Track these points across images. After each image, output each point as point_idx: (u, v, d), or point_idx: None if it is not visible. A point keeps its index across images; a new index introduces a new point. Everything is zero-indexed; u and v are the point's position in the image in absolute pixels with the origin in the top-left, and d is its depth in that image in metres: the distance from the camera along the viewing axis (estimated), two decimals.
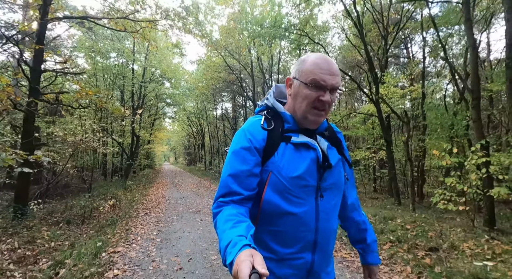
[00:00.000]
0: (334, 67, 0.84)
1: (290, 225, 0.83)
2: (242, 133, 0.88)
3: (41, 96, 5.64)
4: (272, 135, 0.86)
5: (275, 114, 0.92)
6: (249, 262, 0.51)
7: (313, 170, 0.84)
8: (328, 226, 0.87)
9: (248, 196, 0.80)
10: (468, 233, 4.42)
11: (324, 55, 0.87)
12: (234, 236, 0.62)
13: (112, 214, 6.16)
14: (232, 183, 0.80)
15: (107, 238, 4.17)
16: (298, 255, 0.84)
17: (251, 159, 0.83)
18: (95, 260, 3.25)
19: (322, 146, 0.89)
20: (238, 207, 0.78)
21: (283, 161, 0.83)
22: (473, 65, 4.74)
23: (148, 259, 3.28)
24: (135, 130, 13.08)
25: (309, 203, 0.83)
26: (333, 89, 0.83)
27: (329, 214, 0.87)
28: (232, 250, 0.58)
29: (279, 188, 0.82)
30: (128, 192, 9.50)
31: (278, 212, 0.82)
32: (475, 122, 4.78)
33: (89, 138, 7.50)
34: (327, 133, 0.95)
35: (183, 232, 4.48)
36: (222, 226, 0.70)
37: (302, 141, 0.86)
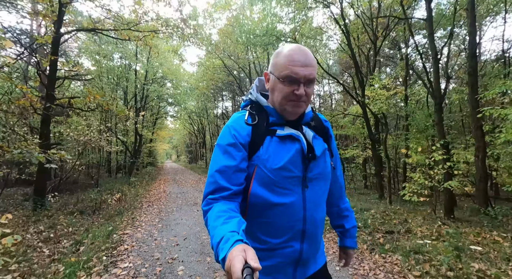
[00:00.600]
0: (308, 58, 0.83)
1: (278, 216, 0.84)
2: (227, 129, 0.89)
3: (56, 101, 6.42)
4: (257, 130, 0.88)
5: (259, 108, 0.93)
6: (242, 257, 0.53)
7: (298, 160, 0.86)
8: (316, 215, 0.89)
9: (236, 191, 0.82)
10: (427, 220, 5.13)
11: (298, 45, 0.86)
12: (226, 232, 0.63)
13: (119, 206, 6.94)
14: (220, 179, 0.82)
15: (116, 224, 4.94)
16: (287, 243, 0.86)
17: (237, 154, 0.84)
18: (108, 240, 4.01)
19: (307, 136, 0.89)
20: (228, 203, 0.79)
21: (267, 154, 0.84)
22: (435, 75, 5.41)
23: (151, 238, 4.04)
24: (138, 129, 13.85)
25: (296, 193, 0.85)
26: (307, 80, 0.83)
27: (316, 203, 0.89)
28: (224, 246, 0.59)
29: (265, 181, 0.84)
30: (132, 188, 10.29)
31: (266, 204, 0.84)
32: (438, 124, 5.46)
33: (97, 137, 8.28)
34: (313, 123, 0.96)
35: (181, 219, 5.24)
36: (213, 222, 0.71)
37: (287, 133, 0.87)
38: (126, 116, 9.25)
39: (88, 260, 3.18)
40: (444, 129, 6.51)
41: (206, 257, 3.23)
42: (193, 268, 2.92)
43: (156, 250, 3.51)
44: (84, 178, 12.75)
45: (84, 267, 2.97)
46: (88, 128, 8.69)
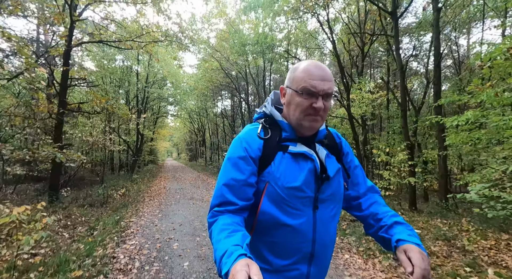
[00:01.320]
0: (326, 73, 0.83)
1: (287, 237, 0.82)
2: (238, 141, 0.88)
3: (68, 107, 7.26)
4: (269, 145, 0.86)
5: (272, 122, 0.92)
6: (245, 272, 0.52)
7: (311, 181, 0.84)
8: (326, 237, 0.86)
9: (243, 206, 0.81)
10: None
11: (316, 61, 0.87)
12: (229, 245, 0.63)
13: (124, 200, 7.80)
14: (227, 193, 0.81)
15: (123, 215, 5.79)
16: (294, 266, 0.84)
17: (246, 168, 0.82)
18: (117, 226, 4.86)
19: (320, 155, 0.88)
20: (233, 217, 0.78)
21: (279, 171, 0.82)
22: (401, 84, 6.19)
23: (152, 224, 4.89)
24: (140, 129, 14.71)
25: (306, 214, 0.83)
26: (325, 94, 0.82)
27: (326, 225, 0.87)
28: (227, 260, 0.58)
29: (276, 199, 0.82)
30: (134, 184, 11.16)
31: (275, 223, 0.82)
32: (403, 128, 6.26)
33: (102, 137, 9.14)
34: (327, 141, 0.94)
35: (178, 211, 6.09)
36: (217, 236, 0.70)
37: (300, 151, 0.85)
38: (129, 118, 10.08)
39: (102, 240, 4.03)
40: (409, 132, 7.32)
41: (196, 237, 4.08)
42: (185, 244, 3.77)
43: (157, 233, 4.36)
44: (89, 175, 13.65)
45: (100, 244, 3.81)
46: (93, 129, 9.54)
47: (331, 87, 0.83)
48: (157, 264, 3.11)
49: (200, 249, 3.58)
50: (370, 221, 0.92)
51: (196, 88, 18.19)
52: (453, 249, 3.61)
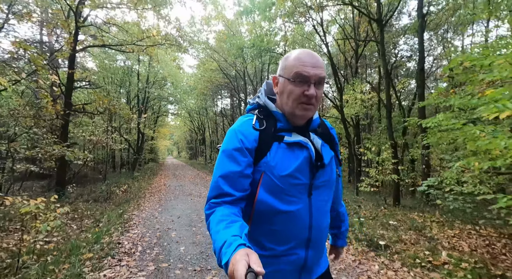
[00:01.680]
0: (317, 59, 0.84)
1: (285, 223, 0.85)
2: (233, 133, 0.88)
3: (73, 107, 7.72)
4: (264, 135, 0.87)
5: (267, 113, 0.93)
6: (245, 261, 0.53)
7: (306, 168, 0.86)
8: (321, 222, 0.90)
9: (240, 197, 0.82)
10: (376, 206, 6.40)
11: (307, 49, 0.88)
12: (228, 236, 0.64)
13: (126, 196, 8.27)
14: (223, 184, 0.82)
15: (125, 209, 6.26)
16: (292, 251, 0.87)
17: (242, 160, 0.84)
18: (120, 218, 5.32)
19: (316, 144, 0.90)
20: (230, 207, 0.79)
21: (275, 161, 0.84)
22: (386, 87, 6.62)
23: (153, 217, 5.36)
24: (140, 128, 15.18)
25: (302, 201, 0.86)
26: (317, 81, 0.83)
27: (321, 210, 0.90)
28: (227, 250, 0.60)
29: (272, 188, 0.84)
30: (135, 181, 11.64)
31: (272, 211, 0.84)
32: (388, 129, 6.69)
33: (105, 137, 9.60)
34: (320, 130, 0.96)
35: (177, 205, 6.56)
36: (215, 227, 0.71)
37: (295, 140, 0.87)
38: (130, 118, 10.54)
39: (108, 230, 4.48)
40: (399, 132, 7.75)
41: (192, 228, 4.54)
42: (182, 233, 4.23)
43: (157, 224, 4.83)
44: (92, 173, 14.14)
45: (106, 234, 4.27)
46: (96, 128, 10.00)
47: (323, 73, 0.84)
48: (157, 249, 3.57)
49: (195, 237, 4.04)
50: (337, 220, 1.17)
51: (196, 88, 18.63)
52: (421, 237, 4.06)
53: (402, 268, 3.04)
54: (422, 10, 6.78)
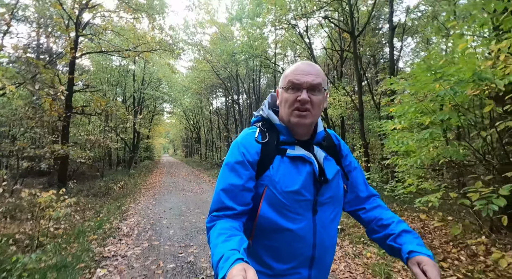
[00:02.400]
0: (312, 68, 0.86)
1: (287, 241, 0.83)
2: (236, 146, 0.89)
3: (73, 110, 8.40)
4: (267, 148, 0.87)
5: (270, 126, 0.93)
6: (242, 277, 0.53)
7: (310, 184, 0.85)
8: (326, 241, 0.87)
9: (241, 211, 0.82)
10: None
11: (305, 61, 0.92)
12: (226, 250, 0.64)
13: (123, 191, 8.99)
14: (225, 198, 0.82)
15: (123, 202, 6.99)
16: (295, 270, 0.85)
17: (244, 173, 0.83)
18: (118, 210, 6.06)
19: (318, 158, 0.89)
20: (231, 221, 0.79)
21: (278, 175, 0.83)
22: (359, 92, 7.40)
23: (147, 209, 6.11)
24: (136, 128, 15.86)
25: (306, 218, 0.84)
26: (310, 87, 0.83)
27: (327, 228, 0.87)
28: (224, 264, 0.59)
29: (275, 203, 0.83)
30: (131, 179, 12.34)
31: (274, 227, 0.83)
32: (361, 130, 7.48)
33: (103, 136, 10.30)
34: (326, 143, 0.95)
35: (170, 199, 7.31)
36: (214, 240, 0.71)
37: (298, 154, 0.86)
38: (126, 118, 11.23)
39: (108, 219, 5.22)
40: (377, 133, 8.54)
41: (181, 217, 5.31)
42: (172, 221, 4.99)
43: (151, 214, 5.58)
44: (89, 170, 14.81)
45: (107, 222, 5.01)
46: (94, 129, 10.69)
47: (316, 80, 0.84)
48: (150, 232, 4.32)
49: (183, 224, 4.80)
50: (374, 226, 0.92)
51: (190, 88, 19.28)
52: None
53: (348, 245, 3.83)
54: (392, 23, 7.56)
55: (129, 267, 3.00)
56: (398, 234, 0.84)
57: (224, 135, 21.76)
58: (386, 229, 0.88)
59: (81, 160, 5.99)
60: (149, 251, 3.48)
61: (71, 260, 3.11)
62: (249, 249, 0.84)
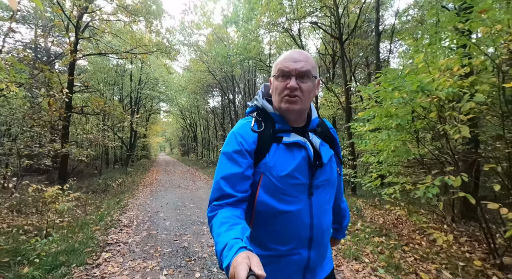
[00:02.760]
0: (300, 55, 0.88)
1: (285, 224, 0.87)
2: (233, 136, 0.92)
3: (73, 109, 8.75)
4: (263, 137, 0.90)
5: (265, 115, 0.96)
6: (246, 264, 0.54)
7: (305, 168, 0.88)
8: (323, 222, 0.92)
9: (241, 198, 0.85)
10: None
11: (295, 49, 0.99)
12: (229, 239, 0.66)
13: (121, 188, 9.37)
14: (225, 186, 0.84)
15: (122, 198, 7.38)
16: (295, 251, 0.89)
17: (242, 161, 0.86)
18: (118, 205, 6.45)
19: (314, 143, 0.92)
20: (232, 210, 0.82)
21: (273, 161, 0.87)
22: (345, 95, 7.85)
23: (145, 203, 6.51)
24: (133, 127, 16.19)
25: (302, 200, 0.88)
26: (299, 74, 0.86)
27: (322, 210, 0.92)
28: (228, 253, 0.61)
29: (271, 189, 0.86)
30: (129, 176, 12.70)
31: (272, 212, 0.87)
32: (347, 129, 7.94)
33: (101, 135, 10.65)
34: (320, 129, 0.99)
35: (166, 195, 7.71)
36: (217, 229, 0.73)
37: (293, 140, 0.89)
38: (124, 118, 11.58)
39: (109, 213, 5.62)
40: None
41: (177, 210, 5.72)
42: (168, 214, 5.40)
43: (148, 208, 5.99)
44: (87, 168, 15.14)
45: (108, 215, 5.41)
46: (92, 128, 11.03)
47: (305, 66, 0.86)
48: (148, 223, 4.73)
49: (179, 216, 5.22)
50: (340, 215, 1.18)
51: (187, 88, 19.63)
52: (355, 216, 5.31)
53: None
54: (378, 29, 8.01)
55: (130, 251, 3.41)
56: None
57: (220, 134, 22.14)
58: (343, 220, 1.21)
59: (83, 158, 6.34)
60: (148, 239, 3.90)
61: (78, 246, 3.52)
62: (250, 234, 0.86)
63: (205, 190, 8.75)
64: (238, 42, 10.98)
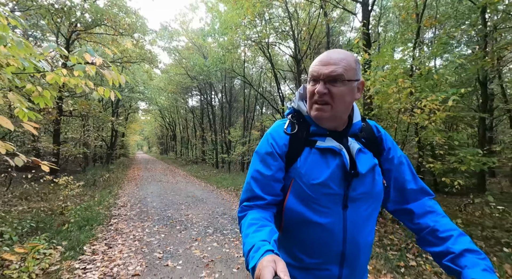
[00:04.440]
0: (332, 57, 0.82)
1: (315, 235, 0.83)
2: (266, 137, 0.92)
3: (64, 113, 9.98)
4: (295, 140, 0.88)
5: (300, 117, 0.93)
6: (272, 268, 0.55)
7: (339, 177, 0.83)
8: (359, 238, 0.85)
9: (271, 201, 0.84)
10: None
11: (335, 49, 0.92)
12: (257, 240, 0.66)
13: (108, 182, 10.73)
14: (255, 187, 0.85)
15: (111, 190, 8.82)
16: (324, 266, 0.84)
17: (273, 164, 0.86)
18: (109, 194, 7.92)
19: (352, 150, 0.86)
20: (262, 212, 0.82)
21: (305, 167, 0.83)
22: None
23: (134, 193, 8.05)
24: (114, 127, 17.32)
25: (335, 213, 0.82)
26: (327, 79, 0.81)
27: (359, 225, 0.85)
28: (255, 254, 0.62)
29: (301, 196, 0.83)
30: (112, 173, 13.95)
31: (302, 220, 0.84)
32: None
33: (87, 135, 11.88)
34: (363, 134, 0.92)
35: (150, 187, 9.26)
36: (246, 230, 0.75)
37: (327, 146, 0.85)
38: (110, 120, 12.82)
39: (105, 199, 7.11)
40: None
41: (160, 197, 7.34)
42: (154, 199, 7.01)
43: (137, 195, 7.55)
44: (70, 166, 16.11)
45: (104, 201, 6.90)
46: (79, 128, 12.20)
47: (335, 70, 0.80)
48: (139, 205, 6.32)
49: (162, 200, 6.84)
50: (429, 238, 0.84)
51: (166, 89, 20.88)
52: None
53: None
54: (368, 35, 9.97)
55: (130, 219, 5.04)
56: (459, 254, 0.74)
57: (199, 134, 23.54)
58: (443, 245, 0.79)
59: (79, 155, 7.73)
60: (141, 213, 5.52)
61: (92, 216, 5.07)
62: (279, 240, 0.86)
63: (184, 183, 10.33)
64: (214, 53, 12.58)
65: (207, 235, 4.12)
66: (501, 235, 3.90)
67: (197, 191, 8.04)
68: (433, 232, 0.83)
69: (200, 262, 3.14)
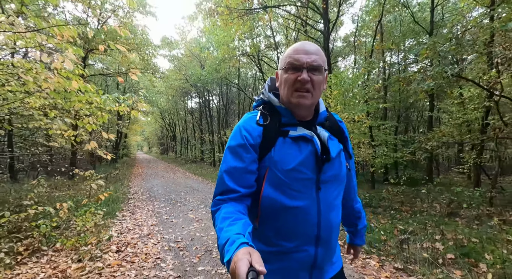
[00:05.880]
0: (311, 47, 0.87)
1: (292, 219, 0.87)
2: (238, 129, 0.93)
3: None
4: (269, 131, 0.90)
5: (271, 108, 0.95)
6: (247, 260, 0.56)
7: (311, 162, 0.88)
8: (331, 219, 0.91)
9: (245, 193, 0.87)
10: None
11: (305, 41, 0.96)
12: (231, 234, 0.67)
13: (117, 178, 12.55)
14: (228, 181, 0.86)
15: (122, 182, 10.64)
16: (301, 247, 0.89)
17: (246, 156, 0.87)
18: (122, 185, 9.74)
19: (322, 137, 0.91)
20: (235, 205, 0.83)
21: (279, 155, 0.87)
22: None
23: (141, 185, 9.90)
24: (119, 129, 19.18)
25: (309, 196, 0.87)
26: (311, 67, 0.85)
27: (331, 206, 0.91)
28: (229, 248, 0.63)
29: (276, 183, 0.87)
30: (119, 171, 15.78)
31: (278, 207, 0.87)
32: None
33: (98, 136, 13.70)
34: (328, 123, 0.98)
35: (154, 181, 11.09)
36: (220, 224, 0.76)
37: (300, 134, 0.89)
38: (117, 123, 14.64)
39: (119, 190, 8.92)
40: None
41: (164, 187, 9.17)
42: (159, 188, 8.84)
43: (145, 186, 9.38)
44: (80, 164, 17.97)
45: (118, 191, 8.71)
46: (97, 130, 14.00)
47: (317, 60, 0.86)
48: (148, 193, 8.15)
49: (166, 189, 8.66)
50: (349, 221, 1.20)
51: (167, 93, 22.71)
52: None
53: None
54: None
55: (143, 200, 6.87)
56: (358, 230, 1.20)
57: (198, 135, 25.31)
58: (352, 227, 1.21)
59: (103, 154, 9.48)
60: (150, 197, 7.35)
61: (114, 198, 6.88)
62: (256, 230, 0.90)
63: (183, 179, 12.13)
64: (210, 63, 14.40)
65: (199, 209, 5.94)
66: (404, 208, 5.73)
67: (194, 184, 9.83)
68: (356, 214, 1.18)
69: (193, 220, 4.96)
